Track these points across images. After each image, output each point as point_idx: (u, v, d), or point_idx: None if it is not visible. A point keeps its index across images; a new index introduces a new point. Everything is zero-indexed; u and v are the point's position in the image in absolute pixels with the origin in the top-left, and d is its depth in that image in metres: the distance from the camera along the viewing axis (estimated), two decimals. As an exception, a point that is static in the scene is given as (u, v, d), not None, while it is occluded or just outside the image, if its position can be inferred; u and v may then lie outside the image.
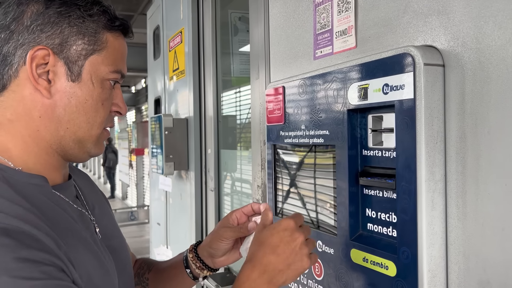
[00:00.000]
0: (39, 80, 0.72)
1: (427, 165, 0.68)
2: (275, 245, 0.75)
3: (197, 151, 2.08)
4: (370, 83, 0.77)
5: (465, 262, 0.67)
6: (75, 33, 0.74)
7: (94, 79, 0.76)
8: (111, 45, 0.78)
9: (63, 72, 0.74)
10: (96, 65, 0.76)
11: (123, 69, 0.81)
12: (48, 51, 0.72)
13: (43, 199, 0.71)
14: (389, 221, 0.77)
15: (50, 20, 0.73)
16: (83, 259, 0.70)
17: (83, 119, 0.76)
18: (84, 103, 0.75)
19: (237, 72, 2.02)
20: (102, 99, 0.77)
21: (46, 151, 0.76)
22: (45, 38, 0.73)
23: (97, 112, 0.77)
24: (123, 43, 0.81)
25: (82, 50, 0.74)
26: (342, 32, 0.91)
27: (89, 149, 0.79)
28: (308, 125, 0.95)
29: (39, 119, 0.74)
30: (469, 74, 0.66)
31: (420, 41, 0.74)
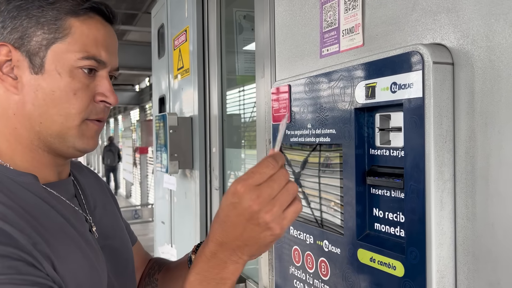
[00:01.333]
0: (3, 77, 0.72)
1: (436, 164, 0.67)
2: (222, 221, 0.63)
3: (202, 150, 2.08)
4: (377, 82, 0.76)
5: (475, 263, 0.66)
6: (33, 24, 0.72)
7: (60, 68, 0.72)
8: (77, 30, 0.73)
9: (26, 66, 0.72)
10: (60, 53, 0.73)
11: (99, 55, 0.75)
12: (8, 47, 0.72)
13: (30, 196, 0.71)
14: (397, 221, 0.76)
15: (9, 15, 0.72)
16: (68, 256, 0.70)
17: (54, 112, 0.73)
18: (52, 95, 0.72)
19: (242, 70, 2.01)
20: (73, 89, 0.73)
21: (29, 148, 0.75)
22: (6, 34, 0.72)
23: (69, 102, 0.73)
24: (96, 27, 0.75)
25: (42, 40, 0.72)
26: (349, 30, 0.90)
27: (72, 143, 0.76)
28: (314, 124, 0.95)
29: (14, 117, 0.74)
30: (479, 73, 0.65)
31: (429, 39, 0.73)
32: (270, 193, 0.61)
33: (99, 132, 0.80)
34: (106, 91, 0.77)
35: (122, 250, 0.90)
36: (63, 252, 0.69)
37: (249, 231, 0.62)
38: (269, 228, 0.61)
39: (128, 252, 0.93)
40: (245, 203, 0.61)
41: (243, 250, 0.64)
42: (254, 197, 0.61)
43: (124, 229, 0.96)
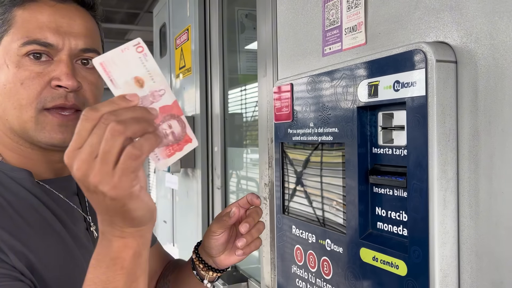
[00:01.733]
0: None
1: (439, 163, 0.67)
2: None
3: (204, 149, 2.08)
4: (380, 80, 0.76)
5: (478, 262, 0.66)
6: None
7: (8, 61, 0.72)
8: (19, 19, 0.72)
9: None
10: (7, 46, 0.72)
11: (44, 37, 0.71)
12: None
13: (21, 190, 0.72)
14: (400, 220, 0.76)
15: None
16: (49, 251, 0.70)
17: (9, 106, 0.72)
18: (4, 89, 0.72)
19: (244, 69, 2.01)
20: (20, 78, 0.71)
21: (11, 146, 0.76)
22: None
23: (18, 93, 0.71)
24: (39, 10, 0.73)
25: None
26: (351, 29, 0.90)
27: (35, 137, 0.73)
28: (316, 123, 0.94)
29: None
30: (483, 71, 0.65)
31: (432, 38, 0.72)
32: (91, 151, 0.50)
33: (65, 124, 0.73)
34: (60, 74, 0.72)
35: None
36: (44, 247, 0.69)
37: (96, 202, 0.53)
38: (102, 193, 0.51)
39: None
40: (74, 173, 0.52)
41: (115, 222, 0.55)
42: (78, 164, 0.51)
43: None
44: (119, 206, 0.52)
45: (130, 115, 0.51)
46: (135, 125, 0.50)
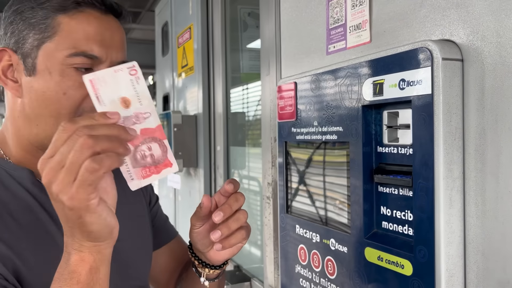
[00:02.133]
0: (6, 81, 0.74)
1: (445, 162, 0.66)
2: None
3: (206, 148, 2.08)
4: (385, 79, 0.75)
5: (484, 262, 0.65)
6: (26, 26, 0.72)
7: (51, 68, 0.71)
8: (66, 27, 0.71)
9: (22, 68, 0.73)
10: (50, 53, 0.71)
11: (91, 50, 0.71)
12: (8, 51, 0.73)
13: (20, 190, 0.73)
14: (405, 219, 0.75)
15: (9, 21, 0.74)
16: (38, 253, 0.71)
17: (46, 113, 0.72)
18: (42, 96, 0.71)
19: (246, 68, 2.01)
20: (63, 88, 0.70)
21: (27, 148, 0.77)
22: (7, 39, 0.74)
23: (59, 103, 0.71)
24: (87, 21, 0.72)
25: (34, 41, 0.72)
26: (356, 27, 0.89)
27: None
28: (320, 122, 0.94)
29: (18, 119, 0.76)
30: (489, 69, 0.64)
31: (438, 35, 0.72)
32: (60, 160, 0.53)
33: None
34: None
35: (135, 253, 0.89)
36: (33, 250, 0.70)
37: (58, 210, 0.56)
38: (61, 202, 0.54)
39: (144, 255, 0.92)
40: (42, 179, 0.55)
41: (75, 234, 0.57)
42: (47, 170, 0.54)
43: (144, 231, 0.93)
44: (75, 217, 0.54)
45: (104, 131, 0.53)
46: (106, 142, 0.53)
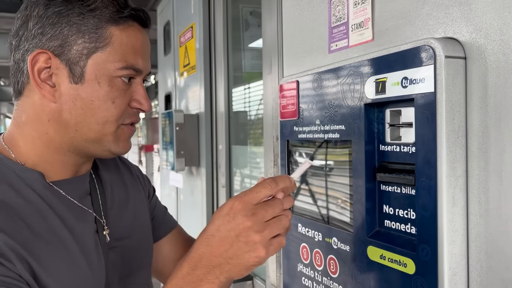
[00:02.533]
0: (42, 84, 0.71)
1: (448, 160, 0.66)
2: (210, 235, 0.63)
3: (208, 147, 2.08)
4: (388, 77, 0.75)
5: (488, 260, 0.65)
6: (74, 32, 0.71)
7: (100, 78, 0.72)
8: (117, 39, 0.72)
9: (66, 75, 0.71)
10: (101, 63, 0.72)
11: (137, 64, 0.75)
12: (48, 54, 0.71)
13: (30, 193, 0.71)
14: (408, 218, 0.75)
15: (49, 21, 0.71)
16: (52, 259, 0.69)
17: (91, 121, 0.73)
18: (90, 104, 0.72)
19: (248, 67, 2.01)
20: (112, 97, 0.73)
21: (57, 151, 0.75)
22: (46, 40, 0.71)
23: (107, 111, 0.73)
24: (134, 35, 0.74)
25: (83, 49, 0.71)
26: (358, 25, 0.89)
27: (108, 148, 0.76)
28: (323, 120, 0.94)
29: (48, 123, 0.74)
30: (492, 67, 0.64)
31: (441, 33, 0.72)
32: (264, 216, 0.62)
33: (132, 135, 0.80)
34: (141, 98, 0.77)
35: (138, 249, 0.88)
36: (47, 255, 0.69)
37: (235, 248, 0.61)
38: (256, 249, 0.61)
39: (146, 251, 0.91)
40: (239, 218, 0.61)
41: (223, 269, 0.62)
42: (249, 214, 0.61)
43: (146, 225, 0.93)
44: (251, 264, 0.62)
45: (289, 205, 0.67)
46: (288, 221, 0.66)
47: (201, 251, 0.63)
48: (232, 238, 0.61)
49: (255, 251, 0.61)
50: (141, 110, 0.79)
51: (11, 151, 0.74)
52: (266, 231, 0.62)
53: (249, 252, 0.61)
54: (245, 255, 0.61)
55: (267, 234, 0.62)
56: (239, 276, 0.63)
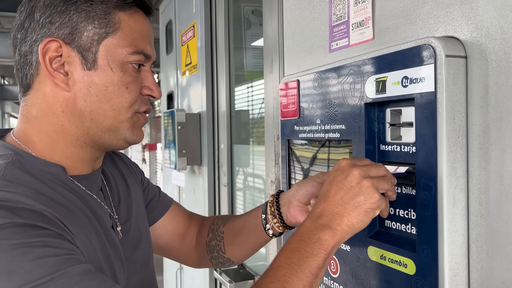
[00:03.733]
0: (55, 73, 0.70)
1: (449, 160, 0.66)
2: (326, 190, 0.70)
3: (210, 146, 2.08)
4: (388, 76, 0.74)
5: (488, 261, 0.65)
6: (83, 18, 0.70)
7: (112, 63, 0.72)
8: (126, 24, 0.73)
9: (78, 62, 0.71)
10: (112, 48, 0.72)
11: (146, 49, 0.75)
12: (59, 42, 0.70)
13: (57, 186, 0.70)
14: (408, 218, 0.75)
15: (57, 9, 0.70)
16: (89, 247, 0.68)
17: (107, 107, 0.73)
18: (105, 91, 0.72)
19: (250, 66, 2.00)
20: (125, 83, 0.73)
21: (73, 144, 0.74)
22: (55, 29, 0.70)
23: (122, 97, 0.73)
24: (141, 21, 0.75)
25: (94, 35, 0.71)
26: (358, 24, 0.88)
27: (124, 136, 0.76)
28: (323, 120, 0.93)
29: (62, 114, 0.72)
30: (493, 66, 0.63)
31: (441, 32, 0.71)
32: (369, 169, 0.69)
33: (145, 123, 0.81)
34: (151, 84, 0.78)
35: (144, 241, 0.89)
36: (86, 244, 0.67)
37: (350, 193, 0.67)
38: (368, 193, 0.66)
39: (148, 240, 0.92)
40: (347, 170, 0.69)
41: (343, 215, 0.66)
42: (355, 166, 0.69)
43: (144, 215, 0.93)
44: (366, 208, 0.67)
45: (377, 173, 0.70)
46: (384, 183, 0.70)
47: (321, 207, 0.69)
48: (345, 185, 0.68)
49: (368, 194, 0.67)
50: (151, 97, 0.78)
51: (27, 148, 0.72)
52: (373, 179, 0.68)
53: (364, 195, 0.67)
54: (360, 197, 0.67)
55: (375, 182, 0.68)
56: (361, 224, 0.67)
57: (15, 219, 0.58)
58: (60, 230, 0.61)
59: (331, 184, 0.69)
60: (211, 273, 2.02)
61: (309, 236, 0.66)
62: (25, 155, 0.70)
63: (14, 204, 0.60)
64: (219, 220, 1.02)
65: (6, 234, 0.56)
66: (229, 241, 0.98)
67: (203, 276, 2.10)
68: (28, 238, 0.57)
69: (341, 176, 0.69)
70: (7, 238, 0.56)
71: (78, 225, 0.67)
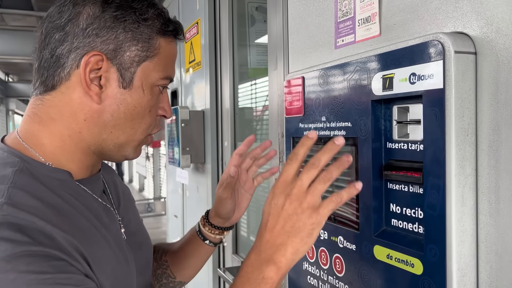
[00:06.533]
0: (91, 85, 0.71)
1: (457, 158, 0.64)
2: (265, 221, 0.69)
3: (214, 144, 2.07)
4: (395, 73, 0.73)
5: (498, 261, 0.63)
6: (129, 38, 0.72)
7: (145, 86, 0.74)
8: (163, 50, 0.76)
9: (115, 78, 0.72)
10: (148, 72, 0.74)
11: (172, 74, 0.79)
12: (102, 56, 0.71)
13: (65, 194, 0.70)
14: (415, 217, 0.73)
15: (106, 24, 0.71)
16: (102, 257, 0.70)
17: (128, 125, 0.75)
18: (133, 110, 0.74)
19: (254, 63, 1.99)
20: (150, 105, 0.76)
21: (83, 151, 0.75)
22: (100, 43, 0.71)
23: (143, 118, 0.76)
24: (174, 48, 0.79)
25: (135, 56, 0.73)
26: (365, 20, 0.87)
27: (127, 153, 0.79)
28: (329, 117, 0.92)
29: (83, 122, 0.73)
30: (504, 62, 0.62)
31: (450, 28, 0.70)
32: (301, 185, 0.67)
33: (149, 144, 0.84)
34: (166, 105, 0.81)
35: (146, 245, 0.91)
36: (97, 253, 0.69)
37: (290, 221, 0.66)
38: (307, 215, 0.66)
39: (150, 246, 0.94)
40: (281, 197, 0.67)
41: (287, 244, 0.66)
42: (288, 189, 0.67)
43: (143, 223, 0.96)
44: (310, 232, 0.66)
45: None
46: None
47: (264, 239, 0.68)
48: (283, 215, 0.67)
49: (308, 217, 0.66)
50: (164, 117, 0.81)
51: (34, 150, 0.72)
52: (308, 196, 0.66)
53: (303, 219, 0.66)
54: (300, 223, 0.66)
55: (310, 200, 0.66)
56: (306, 247, 0.67)
57: (30, 246, 0.59)
58: (70, 257, 0.62)
59: (270, 215, 0.68)
60: (214, 270, 2.02)
61: (254, 276, 0.67)
62: (32, 162, 0.70)
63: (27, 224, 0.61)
64: (159, 249, 1.05)
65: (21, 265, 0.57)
66: (176, 266, 1.03)
67: (207, 273, 2.09)
68: (41, 274, 0.58)
69: (277, 206, 0.68)
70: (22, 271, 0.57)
71: (86, 236, 0.69)
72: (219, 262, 2.06)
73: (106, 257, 0.71)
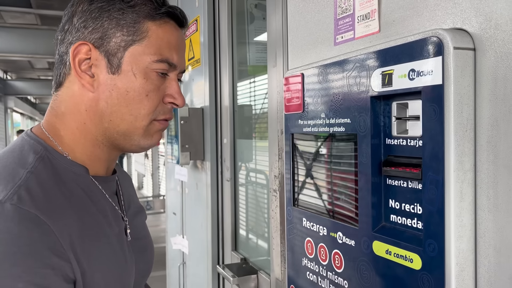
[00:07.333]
0: (82, 74, 0.75)
1: (456, 154, 0.65)
2: None
3: (213, 141, 2.07)
4: (395, 69, 0.73)
5: (496, 256, 0.64)
6: (114, 25, 0.74)
7: (136, 70, 0.75)
8: (153, 33, 0.76)
9: (104, 65, 0.75)
10: (137, 55, 0.75)
11: (172, 58, 0.78)
12: (89, 46, 0.74)
13: (76, 188, 0.73)
14: (414, 213, 0.74)
15: (91, 15, 0.74)
16: (100, 255, 0.72)
17: (125, 111, 0.76)
18: (125, 95, 0.75)
19: (253, 60, 1.99)
20: (146, 90, 0.76)
21: (92, 143, 0.78)
22: (88, 33, 0.74)
23: (141, 103, 0.76)
24: (170, 31, 0.78)
25: (121, 41, 0.75)
26: (364, 16, 0.87)
27: (137, 141, 0.79)
28: (328, 114, 0.92)
29: (85, 113, 0.76)
30: (503, 58, 0.62)
31: (449, 24, 0.70)
32: None
33: (164, 129, 0.83)
34: (174, 93, 0.80)
35: (148, 251, 0.92)
36: (96, 251, 0.71)
37: None
38: None
39: (152, 254, 0.95)
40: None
41: None
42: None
43: (148, 230, 0.97)
44: None
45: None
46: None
47: None
48: None
49: None
50: (175, 105, 0.81)
51: (54, 140, 0.76)
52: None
53: None
54: None
55: None
56: None
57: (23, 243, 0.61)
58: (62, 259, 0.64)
59: None
60: (214, 268, 2.02)
61: None
62: (52, 152, 0.74)
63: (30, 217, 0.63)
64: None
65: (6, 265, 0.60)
66: None
67: (206, 271, 2.10)
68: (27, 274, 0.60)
69: None
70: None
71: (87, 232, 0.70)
72: (219, 259, 2.06)
73: (104, 254, 0.73)
